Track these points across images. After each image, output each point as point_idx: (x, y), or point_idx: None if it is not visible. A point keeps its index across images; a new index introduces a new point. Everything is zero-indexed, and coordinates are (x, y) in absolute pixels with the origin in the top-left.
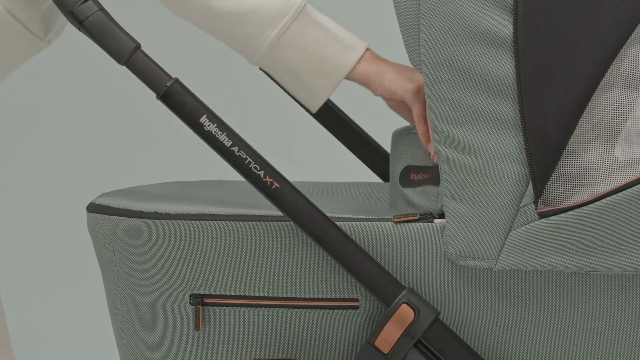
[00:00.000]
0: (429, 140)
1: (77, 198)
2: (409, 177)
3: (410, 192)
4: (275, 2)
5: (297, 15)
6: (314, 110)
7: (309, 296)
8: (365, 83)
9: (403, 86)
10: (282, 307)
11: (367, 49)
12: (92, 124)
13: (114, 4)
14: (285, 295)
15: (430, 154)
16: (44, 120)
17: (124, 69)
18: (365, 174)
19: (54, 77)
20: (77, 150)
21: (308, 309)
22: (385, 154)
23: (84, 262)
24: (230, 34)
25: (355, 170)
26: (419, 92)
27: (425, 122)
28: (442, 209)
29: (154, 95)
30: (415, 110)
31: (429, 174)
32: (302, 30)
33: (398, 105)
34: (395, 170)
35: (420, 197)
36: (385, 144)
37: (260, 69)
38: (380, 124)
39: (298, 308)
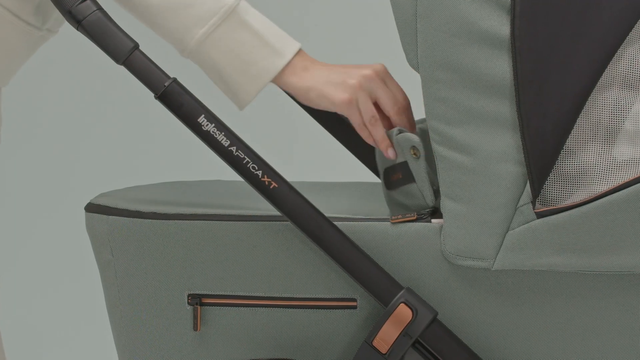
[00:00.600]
0: (375, 143)
1: (77, 198)
2: (390, 179)
3: (395, 194)
4: (207, 0)
5: (226, 16)
6: (241, 109)
7: (307, 296)
8: (292, 95)
9: (333, 100)
10: (280, 307)
11: (298, 53)
12: (92, 124)
13: (112, 4)
14: (283, 295)
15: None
16: (43, 121)
17: (124, 68)
18: (365, 174)
19: (53, 77)
20: (77, 150)
21: (306, 308)
22: None
23: (84, 262)
24: (161, 26)
25: (354, 170)
26: (351, 103)
27: (366, 127)
28: (431, 202)
29: (152, 95)
30: (354, 120)
31: (399, 174)
32: (229, 32)
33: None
34: (381, 174)
35: (405, 198)
36: None
37: None
38: None
39: (296, 308)
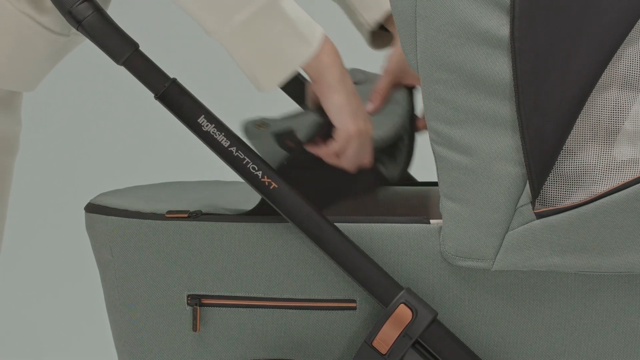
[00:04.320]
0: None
1: (78, 198)
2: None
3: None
4: None
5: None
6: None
7: (306, 297)
8: (314, 79)
9: (344, 124)
10: (280, 308)
11: (325, 41)
12: (92, 124)
13: (113, 4)
14: (282, 297)
15: None
16: (44, 120)
17: (124, 68)
18: None
19: (53, 77)
20: (77, 150)
21: (305, 309)
22: None
23: (85, 262)
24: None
25: None
26: (351, 139)
27: (338, 159)
28: None
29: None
30: (339, 146)
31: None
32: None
33: (315, 94)
34: None
35: None
36: None
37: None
38: None
39: (295, 309)
